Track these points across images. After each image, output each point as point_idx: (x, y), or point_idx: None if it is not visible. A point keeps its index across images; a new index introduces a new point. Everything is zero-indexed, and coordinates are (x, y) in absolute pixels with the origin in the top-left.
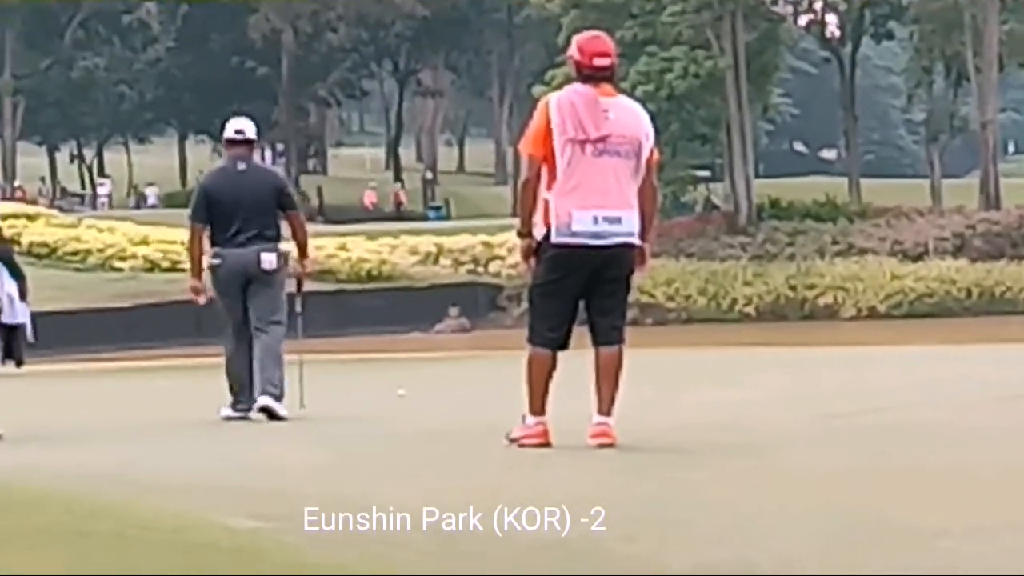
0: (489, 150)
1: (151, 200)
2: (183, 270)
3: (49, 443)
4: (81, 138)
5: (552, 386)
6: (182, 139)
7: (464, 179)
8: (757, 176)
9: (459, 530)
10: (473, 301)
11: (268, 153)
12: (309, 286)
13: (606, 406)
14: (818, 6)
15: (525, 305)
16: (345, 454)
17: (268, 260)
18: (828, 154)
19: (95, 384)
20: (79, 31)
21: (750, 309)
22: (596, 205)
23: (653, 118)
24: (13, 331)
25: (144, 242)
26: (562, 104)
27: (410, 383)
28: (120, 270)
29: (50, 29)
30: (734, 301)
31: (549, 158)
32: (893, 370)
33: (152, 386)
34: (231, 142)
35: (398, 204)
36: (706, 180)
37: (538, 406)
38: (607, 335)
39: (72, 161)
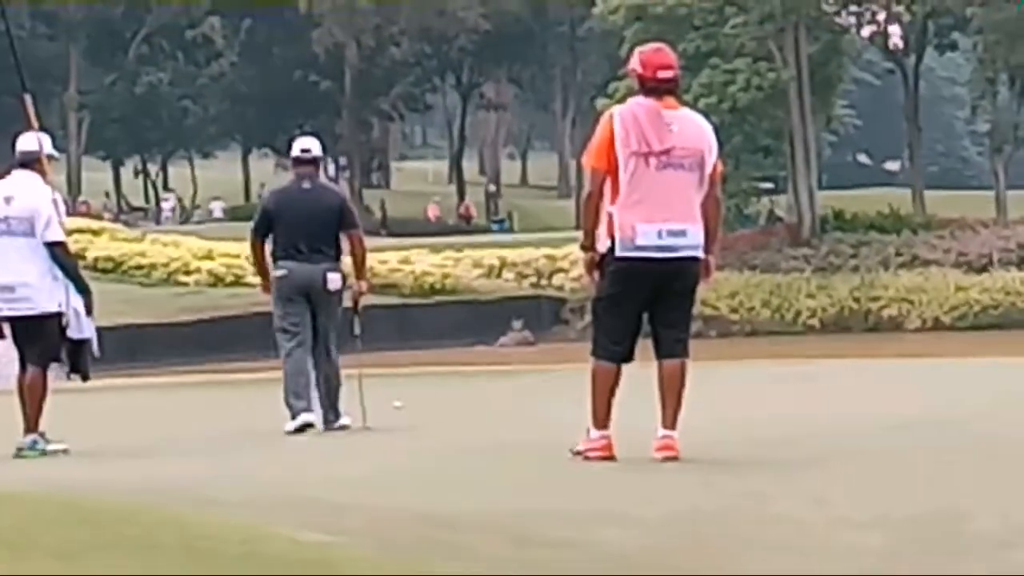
0: (552, 163)
1: (217, 213)
2: (247, 284)
3: (116, 457)
4: (145, 153)
5: (618, 399)
6: (246, 153)
7: (527, 192)
8: (821, 188)
9: (528, 541)
10: (536, 314)
11: (332, 167)
12: (372, 300)
13: (670, 420)
14: (881, 17)
15: (588, 318)
16: (410, 467)
17: (334, 280)
18: (892, 165)
19: (160, 398)
20: (143, 46)
21: (814, 321)
22: (661, 219)
23: (716, 131)
24: (79, 346)
25: (208, 256)
26: (625, 117)
27: (474, 397)
28: (185, 284)
29: (115, 45)
30: (798, 313)
31: (613, 171)
32: (959, 382)
33: (217, 400)
34: (297, 160)
35: (468, 218)
36: (769, 192)
37: (602, 419)
38: (671, 348)
39: (136, 176)
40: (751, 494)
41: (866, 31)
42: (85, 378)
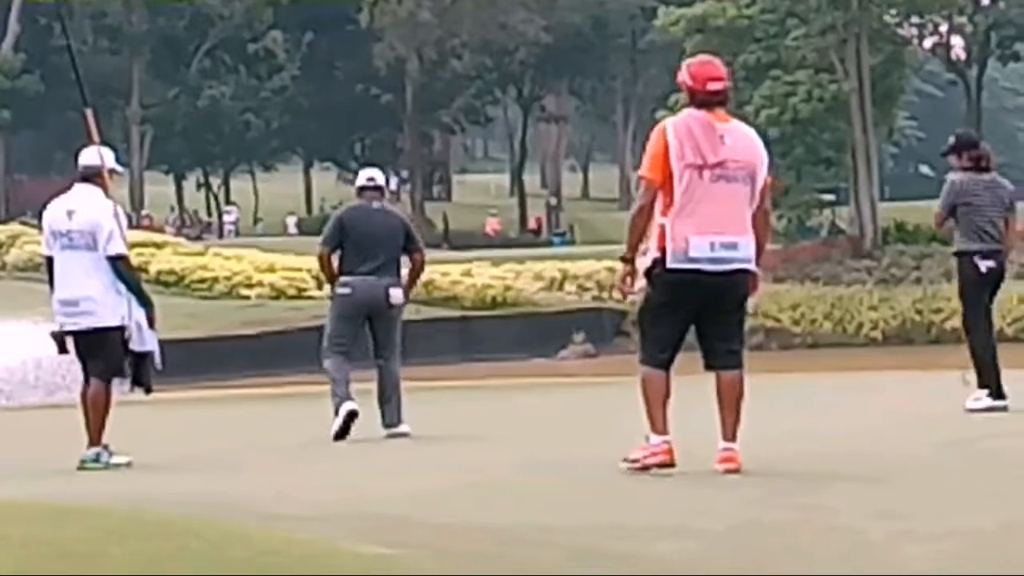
0: (613, 175)
1: (292, 229)
2: (309, 298)
3: (179, 470)
4: (207, 166)
5: (677, 410)
6: (307, 166)
7: (588, 205)
8: (882, 199)
9: (587, 555)
10: (598, 327)
11: (394, 180)
12: (434, 313)
13: (730, 432)
14: (943, 28)
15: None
16: (470, 480)
17: (396, 296)
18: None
19: (222, 411)
20: (205, 60)
21: (876, 333)
22: (713, 231)
23: (778, 142)
24: (142, 359)
25: (270, 270)
26: (679, 129)
27: (534, 409)
28: (247, 298)
29: (177, 59)
30: (860, 325)
31: (666, 183)
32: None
33: (278, 412)
34: (364, 188)
35: (536, 231)
36: (831, 204)
37: (660, 425)
38: (726, 360)
39: (199, 189)
40: (812, 507)
41: (928, 42)
42: (148, 391)
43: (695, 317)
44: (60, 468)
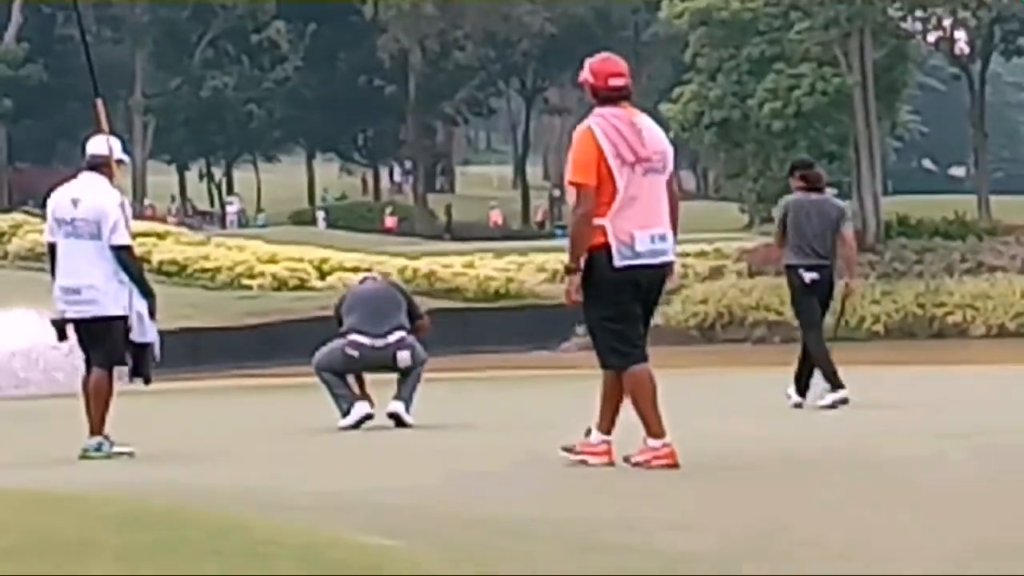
0: None
1: (321, 224)
2: (311, 288)
3: (179, 460)
4: (210, 157)
5: (666, 407)
6: (310, 157)
7: None
8: (885, 194)
9: (591, 547)
10: None
11: (397, 171)
12: (437, 304)
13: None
14: (947, 23)
15: (653, 323)
16: (472, 472)
17: (404, 358)
18: (957, 171)
19: (223, 402)
20: (208, 51)
21: (878, 327)
22: (651, 224)
23: (781, 135)
24: (142, 349)
25: (273, 260)
26: (606, 130)
27: (535, 401)
28: (249, 288)
29: (180, 49)
30: (862, 319)
31: (603, 184)
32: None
33: (279, 403)
34: (366, 279)
35: (542, 223)
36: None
37: (657, 427)
38: (645, 353)
39: (201, 180)
40: (816, 501)
41: (932, 36)
42: (147, 381)
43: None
44: (60, 457)
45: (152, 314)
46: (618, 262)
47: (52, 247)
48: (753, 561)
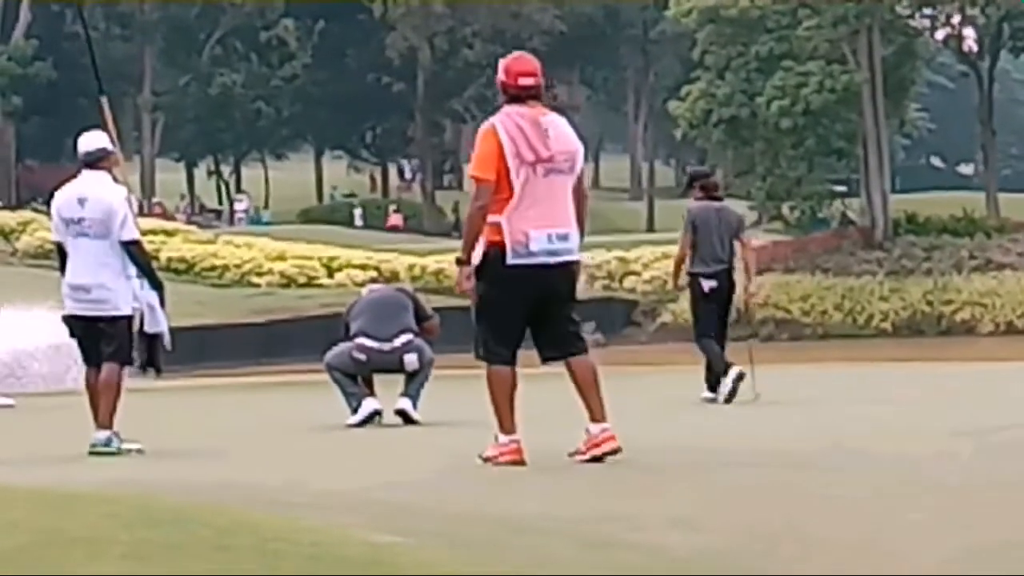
0: (624, 165)
1: (358, 221)
2: (319, 286)
3: (188, 457)
4: (218, 154)
5: (673, 404)
6: (318, 155)
7: (599, 194)
8: (894, 191)
9: (598, 545)
10: (608, 317)
11: (406, 168)
12: (443, 302)
13: (599, 412)
14: (956, 20)
15: (661, 320)
16: (481, 470)
17: (411, 361)
18: (966, 169)
19: (231, 399)
20: (217, 48)
21: (886, 325)
22: (549, 224)
23: (789, 133)
24: (153, 340)
25: (281, 258)
26: (509, 128)
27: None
28: (257, 286)
29: (189, 46)
30: (870, 317)
31: (501, 181)
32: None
33: (288, 400)
34: (371, 289)
35: None
36: (842, 195)
37: (509, 424)
38: (574, 346)
39: (210, 177)
40: (825, 497)
41: (940, 34)
42: (159, 371)
43: (533, 311)
44: (69, 455)
45: (163, 304)
46: (511, 260)
47: (60, 246)
48: (761, 559)
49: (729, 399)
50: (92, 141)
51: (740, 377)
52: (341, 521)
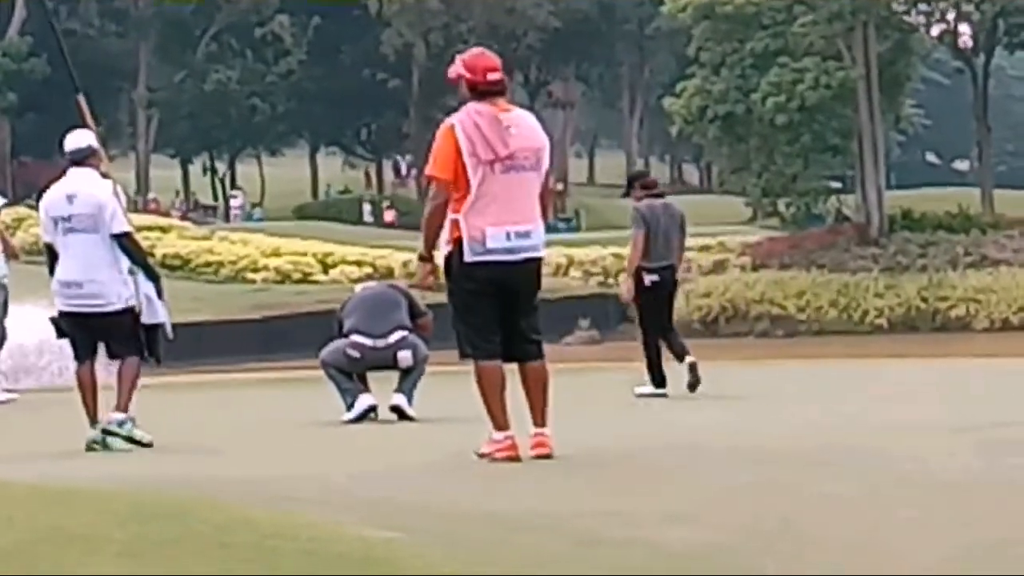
0: (619, 162)
1: (367, 217)
2: (314, 282)
3: (184, 454)
4: (214, 150)
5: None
6: (313, 151)
7: (594, 191)
8: (889, 187)
9: (594, 541)
10: (603, 313)
11: (403, 165)
12: (439, 298)
13: (540, 417)
14: (951, 16)
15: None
16: (475, 466)
17: (405, 358)
18: (961, 165)
19: (227, 395)
20: (212, 44)
21: (882, 321)
22: (508, 221)
23: (785, 129)
24: (152, 330)
25: (276, 254)
26: (467, 126)
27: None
28: (252, 282)
29: (184, 42)
30: (865, 313)
31: (458, 180)
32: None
33: (284, 396)
34: (364, 287)
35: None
36: (837, 191)
37: (502, 420)
38: (527, 350)
39: (205, 173)
40: (821, 494)
41: (935, 30)
42: (159, 362)
43: (500, 306)
44: (67, 451)
45: (160, 294)
46: (468, 257)
47: (49, 247)
48: (759, 556)
49: (693, 388)
50: (79, 139)
51: (693, 367)
52: (338, 517)
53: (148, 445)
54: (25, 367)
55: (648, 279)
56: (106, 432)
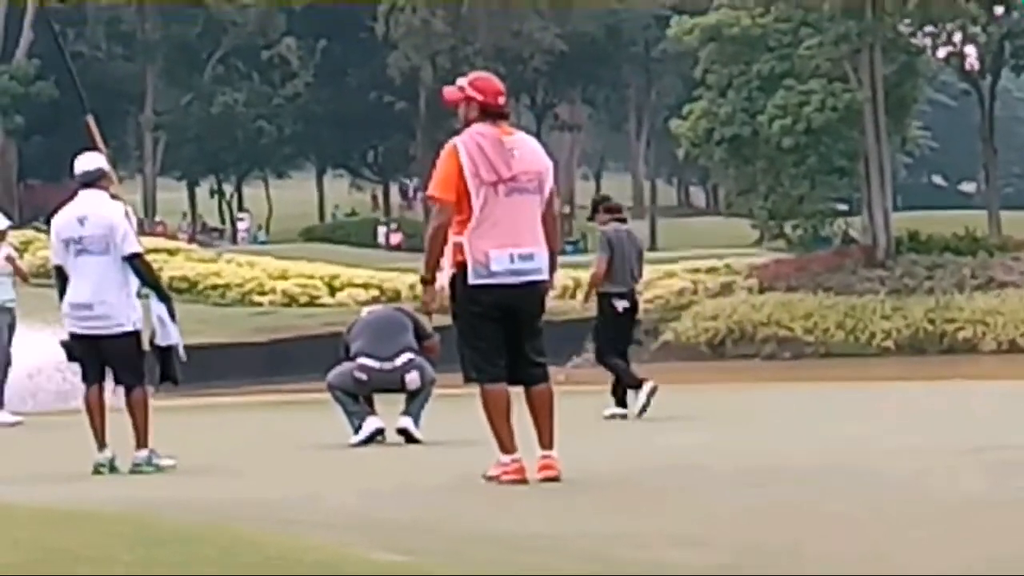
0: (626, 184)
1: (381, 239)
2: (321, 305)
3: (190, 476)
4: (220, 173)
5: (676, 422)
6: (320, 173)
7: None
8: (895, 209)
9: (602, 563)
10: None
11: (410, 187)
12: (445, 320)
13: (547, 441)
14: (957, 38)
15: (664, 339)
16: (482, 488)
17: (412, 380)
18: (967, 187)
19: (234, 418)
20: (219, 67)
21: (889, 343)
22: (511, 244)
23: (791, 151)
24: (166, 352)
25: (283, 276)
26: (470, 148)
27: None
28: (259, 304)
29: (191, 65)
30: (872, 335)
31: (460, 202)
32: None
33: (290, 419)
34: (370, 311)
35: None
36: (844, 214)
37: (509, 444)
38: (533, 373)
39: (212, 196)
40: (828, 515)
41: (942, 52)
42: (176, 383)
43: (504, 329)
44: (74, 473)
45: (172, 316)
46: (472, 280)
47: (59, 269)
48: (761, 571)
49: (641, 413)
50: (89, 161)
51: (653, 392)
52: (344, 540)
53: (173, 468)
54: (31, 390)
55: (620, 305)
56: (135, 472)
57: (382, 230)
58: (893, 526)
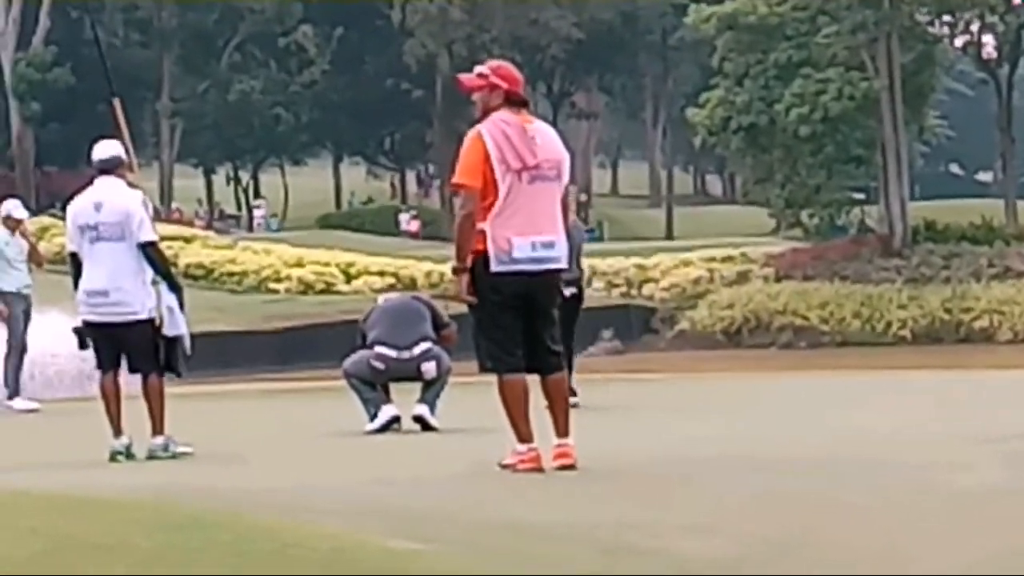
0: (643, 172)
1: (404, 226)
2: (337, 292)
3: (207, 464)
4: (237, 160)
5: (692, 410)
6: (337, 161)
7: (617, 201)
8: (912, 198)
9: (617, 552)
10: (626, 323)
11: (425, 175)
12: (461, 308)
13: (563, 428)
14: (975, 27)
15: (680, 327)
16: (497, 476)
17: (429, 370)
18: (985, 176)
19: (250, 405)
20: (236, 54)
21: (905, 332)
22: (533, 232)
23: (808, 140)
24: (172, 343)
25: (299, 264)
26: (495, 135)
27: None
28: (275, 292)
29: (207, 53)
30: (889, 324)
31: (487, 188)
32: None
33: (307, 407)
34: (387, 298)
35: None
36: (861, 203)
37: (525, 432)
38: (550, 362)
39: (228, 183)
40: (840, 505)
41: (959, 41)
42: (179, 375)
43: (524, 317)
44: (89, 460)
45: (181, 306)
46: (494, 267)
47: (74, 256)
48: (778, 566)
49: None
50: (106, 149)
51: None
52: (359, 527)
53: (191, 455)
54: (47, 377)
55: (568, 291)
56: (151, 458)
57: (404, 217)
58: (906, 516)
